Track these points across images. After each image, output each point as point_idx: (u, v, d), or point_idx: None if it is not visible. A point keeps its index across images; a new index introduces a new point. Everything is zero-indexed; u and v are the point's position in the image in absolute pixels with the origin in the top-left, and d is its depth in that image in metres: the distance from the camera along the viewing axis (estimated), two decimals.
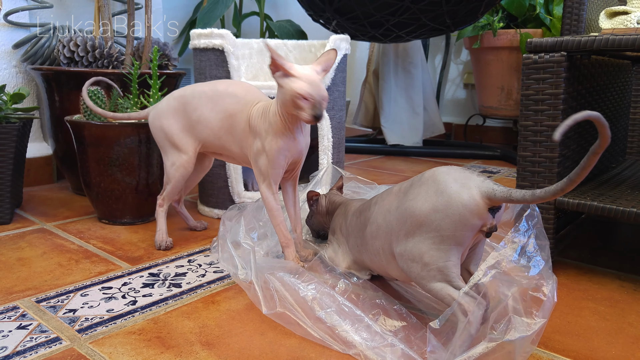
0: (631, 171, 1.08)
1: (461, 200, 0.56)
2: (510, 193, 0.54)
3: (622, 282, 0.84)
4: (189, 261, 0.91)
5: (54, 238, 1.01)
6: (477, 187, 0.56)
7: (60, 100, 1.24)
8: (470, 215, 0.56)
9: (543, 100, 0.82)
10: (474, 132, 2.46)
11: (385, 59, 2.08)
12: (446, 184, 0.58)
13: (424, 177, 0.61)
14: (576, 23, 1.60)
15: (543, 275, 0.59)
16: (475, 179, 0.57)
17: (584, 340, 0.65)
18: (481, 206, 0.56)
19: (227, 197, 1.14)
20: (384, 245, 0.66)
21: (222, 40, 1.07)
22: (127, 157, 1.04)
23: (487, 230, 0.57)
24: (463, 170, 0.60)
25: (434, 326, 0.53)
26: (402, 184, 0.67)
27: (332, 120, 1.15)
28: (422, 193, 0.59)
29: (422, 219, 0.58)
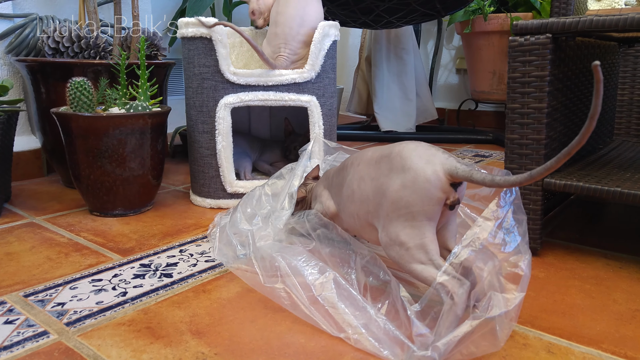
0: (618, 151, 1.09)
1: (425, 175, 0.60)
2: (471, 173, 0.58)
3: (607, 260, 0.85)
4: (180, 251, 0.91)
5: (43, 232, 1.01)
6: (440, 163, 0.60)
7: (46, 92, 1.23)
8: (434, 189, 0.60)
9: (529, 82, 0.82)
10: (467, 117, 2.45)
11: (378, 45, 2.07)
12: (412, 160, 0.62)
13: (393, 152, 0.65)
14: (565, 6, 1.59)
15: (520, 249, 0.60)
16: (439, 156, 0.61)
17: (569, 318, 0.66)
18: (444, 181, 0.60)
19: (219, 186, 1.14)
20: (359, 212, 0.70)
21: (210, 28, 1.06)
22: (116, 148, 1.03)
23: (451, 203, 0.61)
24: (429, 147, 0.64)
25: (415, 309, 0.54)
26: (375, 151, 0.70)
27: (322, 107, 1.15)
28: (392, 169, 0.64)
29: (394, 197, 0.62)
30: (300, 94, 1.12)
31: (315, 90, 1.13)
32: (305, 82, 1.12)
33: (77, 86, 1.04)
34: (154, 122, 1.07)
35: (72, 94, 1.04)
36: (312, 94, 1.13)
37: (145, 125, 1.06)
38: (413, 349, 0.53)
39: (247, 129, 1.49)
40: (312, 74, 1.11)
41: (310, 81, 1.12)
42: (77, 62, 1.18)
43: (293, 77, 1.10)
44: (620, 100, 1.32)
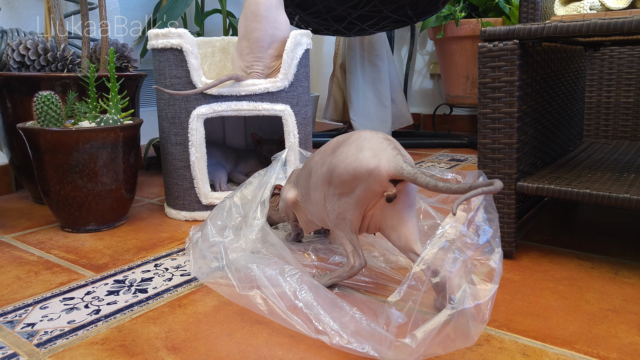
0: (587, 153, 1.11)
1: (368, 166, 0.65)
2: (415, 176, 0.62)
3: (580, 261, 0.86)
4: (155, 266, 0.89)
5: (12, 250, 0.98)
6: (386, 159, 0.64)
7: (12, 107, 1.20)
8: (372, 182, 0.65)
9: (499, 87, 0.83)
10: (442, 121, 2.49)
11: (352, 52, 2.08)
12: (363, 149, 0.66)
13: (351, 138, 0.70)
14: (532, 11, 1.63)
15: (491, 245, 0.60)
16: (388, 153, 0.65)
17: (543, 320, 0.67)
18: (383, 176, 0.64)
19: (194, 198, 1.13)
20: (321, 197, 0.74)
21: (180, 39, 1.05)
22: (87, 162, 1.01)
23: (387, 196, 0.65)
24: (382, 140, 0.67)
25: (392, 299, 0.54)
26: (340, 137, 0.74)
27: (297, 116, 1.15)
28: (344, 152, 0.68)
29: (337, 174, 0.68)
30: (273, 103, 1.12)
31: (289, 99, 1.13)
32: (279, 91, 1.11)
33: (44, 100, 1.01)
34: (126, 136, 1.06)
35: (39, 109, 1.02)
36: (286, 103, 1.13)
37: (117, 138, 1.04)
38: (391, 338, 0.53)
39: (221, 139, 1.48)
40: (285, 82, 1.11)
41: (284, 90, 1.12)
42: (43, 76, 1.16)
43: (266, 87, 1.10)
44: (589, 102, 1.36)
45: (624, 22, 0.72)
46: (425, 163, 1.74)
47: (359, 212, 0.69)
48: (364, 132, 0.71)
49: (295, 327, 0.62)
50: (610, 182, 0.84)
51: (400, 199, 0.67)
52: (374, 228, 0.71)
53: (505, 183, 0.85)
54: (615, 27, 0.72)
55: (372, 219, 0.70)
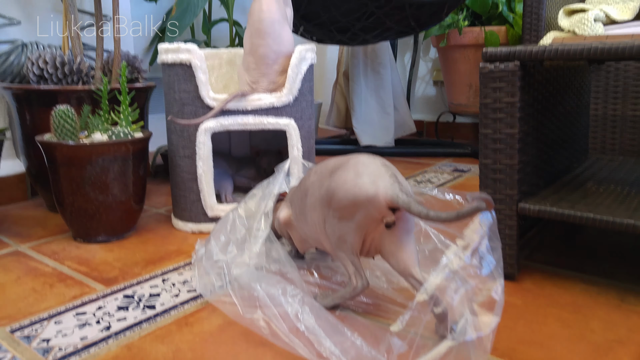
0: (592, 170, 1.13)
1: (367, 193, 0.67)
2: (410, 205, 0.64)
3: (585, 285, 0.86)
4: (163, 280, 0.92)
5: (28, 261, 1.01)
6: (384, 187, 0.66)
7: (31, 118, 1.23)
8: (372, 208, 0.67)
9: (500, 108, 0.85)
10: (445, 129, 2.50)
11: (355, 60, 2.10)
12: (361, 175, 0.69)
13: (349, 163, 0.72)
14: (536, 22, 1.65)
15: (494, 275, 0.62)
16: (385, 180, 0.67)
17: (546, 350, 0.67)
18: (382, 204, 0.66)
19: (200, 210, 1.15)
20: (319, 217, 0.75)
21: (189, 55, 1.08)
22: (99, 175, 1.04)
23: (386, 222, 0.67)
24: (380, 166, 0.70)
25: (395, 329, 0.56)
26: (337, 160, 0.76)
27: (301, 129, 1.17)
28: (343, 176, 0.70)
29: (337, 199, 0.70)
30: (278, 117, 1.14)
31: (293, 113, 1.15)
32: (284, 105, 1.14)
33: (61, 114, 1.04)
34: (136, 149, 1.08)
35: (56, 122, 1.04)
36: (290, 117, 1.15)
37: (127, 151, 1.06)
38: None
39: (227, 148, 1.50)
40: (289, 97, 1.13)
41: (288, 104, 1.14)
42: (60, 89, 1.19)
43: (271, 102, 1.12)
44: (594, 115, 1.36)
45: (625, 48, 0.74)
46: (427, 173, 1.76)
47: (359, 235, 0.71)
48: (362, 157, 0.73)
49: (297, 350, 0.64)
50: (615, 204, 0.85)
51: (398, 225, 0.69)
52: (374, 252, 0.73)
53: (507, 204, 0.87)
54: (616, 52, 0.74)
55: (372, 243, 0.72)
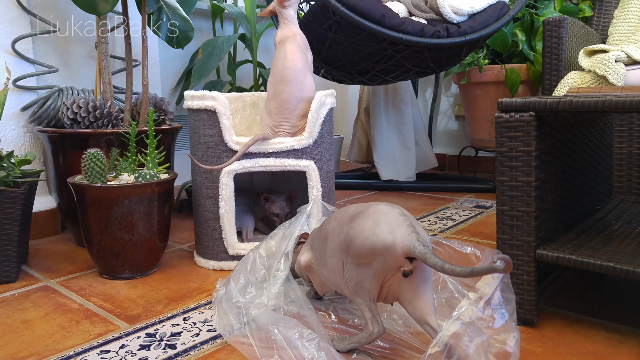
0: (616, 213, 1.11)
1: (385, 242, 0.69)
2: (426, 256, 0.65)
3: (608, 333, 0.85)
4: (184, 319, 0.94)
5: (56, 297, 1.05)
6: (401, 237, 0.68)
7: (64, 159, 1.31)
8: (389, 257, 0.69)
9: (516, 157, 0.86)
10: (468, 163, 2.50)
11: (376, 97, 2.14)
12: (379, 224, 0.71)
13: (369, 211, 0.74)
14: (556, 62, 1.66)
15: (508, 327, 0.62)
16: (403, 230, 0.69)
17: None
18: (399, 253, 0.68)
19: (221, 249, 1.18)
20: (338, 262, 0.77)
21: (214, 102, 1.13)
22: (125, 216, 1.09)
23: (403, 272, 0.69)
24: (398, 216, 0.72)
25: None
26: (356, 207, 0.78)
27: (320, 170, 1.20)
28: (362, 224, 0.73)
29: (355, 246, 0.72)
30: (299, 159, 1.17)
31: (313, 155, 1.19)
32: (304, 148, 1.17)
33: (92, 157, 1.10)
34: (161, 190, 1.13)
35: (86, 165, 1.10)
36: (310, 159, 1.18)
37: (153, 193, 1.11)
38: None
39: (249, 183, 1.54)
40: (309, 140, 1.17)
41: (308, 147, 1.18)
42: (91, 133, 1.26)
43: (292, 144, 1.16)
44: (619, 154, 1.35)
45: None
46: (449, 210, 1.76)
47: (376, 282, 0.72)
48: (380, 206, 0.75)
49: None
50: (638, 251, 0.84)
51: (416, 273, 0.70)
52: (392, 298, 0.74)
53: (524, 251, 0.87)
54: (631, 105, 0.75)
55: (389, 290, 0.73)
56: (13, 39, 1.39)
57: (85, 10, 1.14)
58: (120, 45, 1.66)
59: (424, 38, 1.46)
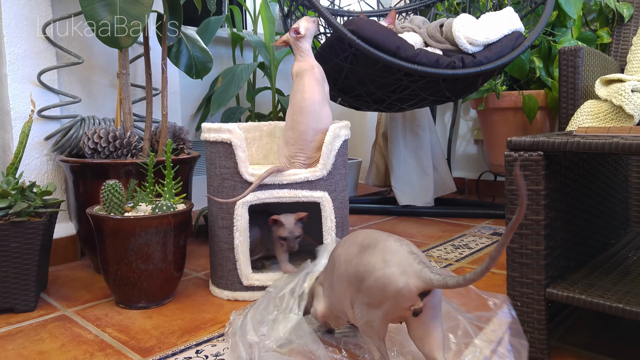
0: (629, 249, 1.09)
1: (397, 285, 0.69)
2: (446, 281, 0.65)
3: None
4: (196, 352, 0.96)
5: (73, 327, 1.08)
6: (415, 275, 0.69)
7: (84, 188, 1.35)
8: (400, 299, 0.69)
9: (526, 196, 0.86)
10: (487, 188, 2.48)
11: (394, 123, 2.15)
12: (390, 264, 0.71)
13: (378, 247, 0.74)
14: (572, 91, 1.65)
15: None
16: (415, 268, 0.69)
17: None
18: (413, 292, 0.69)
19: (236, 279, 1.20)
20: (345, 292, 0.78)
21: (230, 135, 1.16)
22: (142, 246, 1.11)
23: (413, 311, 0.69)
24: (409, 255, 0.72)
25: None
26: (364, 237, 0.78)
27: (334, 201, 1.21)
28: (372, 262, 0.73)
29: (366, 286, 0.73)
30: (312, 190, 1.19)
31: (327, 186, 1.20)
32: (318, 179, 1.19)
33: (110, 189, 1.14)
34: (177, 221, 1.16)
35: (105, 196, 1.14)
36: (324, 190, 1.20)
37: (169, 224, 1.14)
38: None
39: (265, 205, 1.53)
40: (324, 172, 1.18)
41: (322, 178, 1.19)
42: (111, 163, 1.30)
43: (306, 176, 1.18)
44: (637, 185, 1.33)
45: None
46: (466, 237, 1.74)
47: (386, 322, 0.73)
48: (389, 243, 0.75)
49: None
50: None
51: (426, 312, 0.71)
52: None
53: (534, 289, 0.86)
54: (637, 148, 0.74)
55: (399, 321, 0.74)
56: (39, 71, 1.45)
57: (108, 45, 1.19)
58: (141, 73, 1.71)
59: (439, 69, 1.47)
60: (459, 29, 1.57)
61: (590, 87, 1.60)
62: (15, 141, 1.42)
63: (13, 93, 1.42)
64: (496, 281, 1.30)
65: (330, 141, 1.19)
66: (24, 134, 1.21)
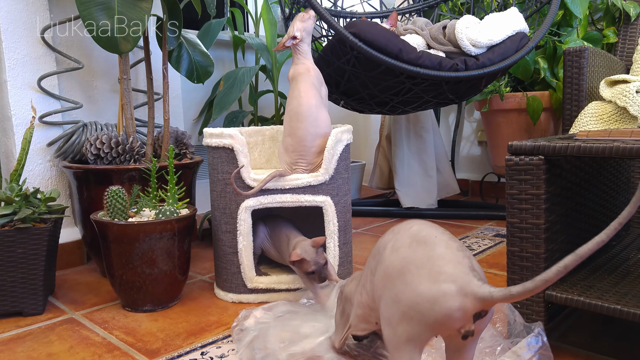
0: (630, 250, 1.09)
1: (451, 306, 0.55)
2: (509, 290, 0.52)
3: None
4: (201, 354, 0.97)
5: (81, 329, 1.10)
6: (472, 293, 0.54)
7: (87, 193, 1.37)
8: (452, 321, 0.55)
9: (526, 200, 0.86)
10: (490, 189, 2.48)
11: (397, 125, 2.16)
12: (446, 278, 0.56)
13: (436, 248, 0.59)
14: (577, 92, 1.65)
15: None
16: (473, 285, 0.54)
17: None
18: (468, 315, 0.55)
19: (240, 282, 1.21)
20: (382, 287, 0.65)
21: (232, 140, 1.17)
22: (146, 251, 1.13)
23: (464, 333, 0.56)
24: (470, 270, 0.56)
25: None
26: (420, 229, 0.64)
27: (337, 205, 1.22)
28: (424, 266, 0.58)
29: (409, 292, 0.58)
30: (315, 195, 1.20)
31: (329, 190, 1.21)
32: (320, 184, 1.20)
33: (113, 195, 1.15)
34: (181, 226, 1.17)
35: (108, 202, 1.15)
36: (326, 195, 1.21)
37: (173, 229, 1.15)
38: None
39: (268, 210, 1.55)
40: (326, 176, 1.19)
41: (325, 183, 1.20)
42: (114, 169, 1.31)
43: (308, 181, 1.18)
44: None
45: None
46: (469, 239, 1.75)
47: (424, 343, 0.59)
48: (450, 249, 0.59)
49: None
50: None
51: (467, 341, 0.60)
52: None
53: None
54: (638, 152, 0.75)
55: None
56: (39, 76, 1.46)
57: (107, 49, 1.20)
58: (142, 77, 1.73)
59: (442, 72, 1.48)
60: (462, 31, 1.58)
61: (595, 88, 1.60)
62: (17, 147, 1.44)
63: (14, 99, 1.43)
64: (497, 282, 1.31)
65: (332, 146, 1.19)
66: (26, 140, 1.22)
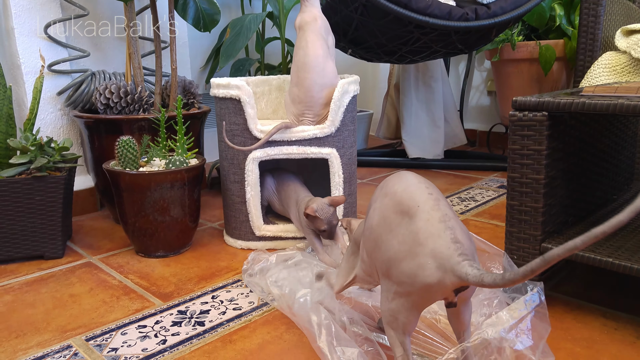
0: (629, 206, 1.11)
1: (428, 280, 0.59)
2: (482, 277, 0.55)
3: (605, 320, 0.89)
4: (212, 297, 1.03)
5: (99, 273, 1.16)
6: (451, 270, 0.58)
7: (98, 143, 1.40)
8: (433, 293, 0.61)
9: (528, 155, 0.88)
10: (498, 140, 2.47)
11: (406, 74, 2.13)
12: (425, 253, 0.60)
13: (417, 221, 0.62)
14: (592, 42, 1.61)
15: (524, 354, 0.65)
16: (453, 260, 0.58)
17: None
18: (448, 289, 0.59)
19: (248, 230, 1.26)
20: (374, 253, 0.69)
21: (239, 91, 1.18)
22: (158, 200, 1.17)
23: (446, 303, 0.62)
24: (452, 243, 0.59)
25: None
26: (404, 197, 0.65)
27: (342, 157, 1.24)
28: (402, 250, 0.62)
29: (395, 274, 0.63)
30: (321, 147, 1.22)
31: (335, 142, 1.23)
32: (326, 136, 1.21)
33: (124, 145, 1.18)
34: (191, 175, 1.20)
35: (119, 151, 1.18)
36: (332, 147, 1.22)
37: (183, 179, 1.19)
38: None
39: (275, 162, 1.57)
40: (332, 129, 1.21)
41: (331, 135, 1.22)
42: (124, 118, 1.33)
43: (314, 133, 1.20)
44: None
45: None
46: (473, 190, 1.78)
47: (414, 315, 0.65)
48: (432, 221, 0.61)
49: None
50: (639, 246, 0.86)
51: (459, 303, 0.66)
52: None
53: (530, 244, 0.90)
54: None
55: None
56: (45, 24, 1.45)
57: None
58: (149, 25, 1.71)
59: (451, 21, 1.45)
60: None
61: (611, 38, 1.56)
62: (29, 96, 1.45)
63: (22, 47, 1.43)
64: (498, 233, 1.35)
65: (338, 97, 1.20)
66: (37, 89, 1.24)
